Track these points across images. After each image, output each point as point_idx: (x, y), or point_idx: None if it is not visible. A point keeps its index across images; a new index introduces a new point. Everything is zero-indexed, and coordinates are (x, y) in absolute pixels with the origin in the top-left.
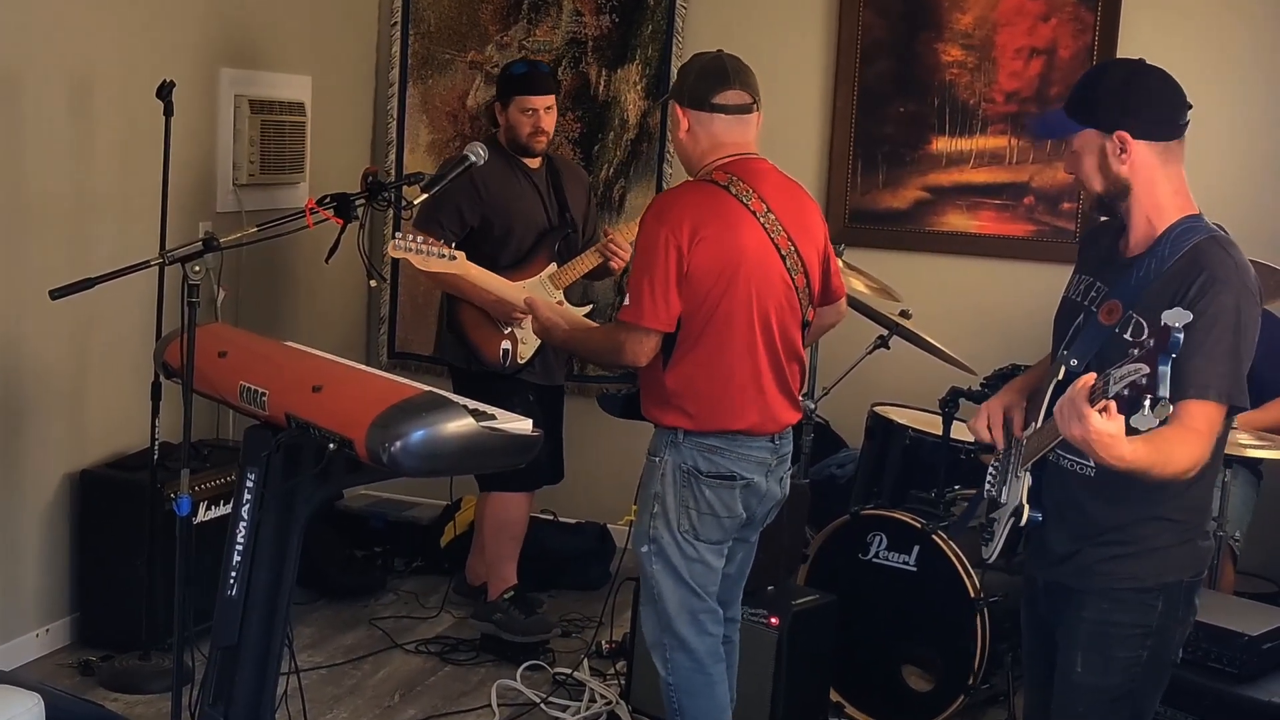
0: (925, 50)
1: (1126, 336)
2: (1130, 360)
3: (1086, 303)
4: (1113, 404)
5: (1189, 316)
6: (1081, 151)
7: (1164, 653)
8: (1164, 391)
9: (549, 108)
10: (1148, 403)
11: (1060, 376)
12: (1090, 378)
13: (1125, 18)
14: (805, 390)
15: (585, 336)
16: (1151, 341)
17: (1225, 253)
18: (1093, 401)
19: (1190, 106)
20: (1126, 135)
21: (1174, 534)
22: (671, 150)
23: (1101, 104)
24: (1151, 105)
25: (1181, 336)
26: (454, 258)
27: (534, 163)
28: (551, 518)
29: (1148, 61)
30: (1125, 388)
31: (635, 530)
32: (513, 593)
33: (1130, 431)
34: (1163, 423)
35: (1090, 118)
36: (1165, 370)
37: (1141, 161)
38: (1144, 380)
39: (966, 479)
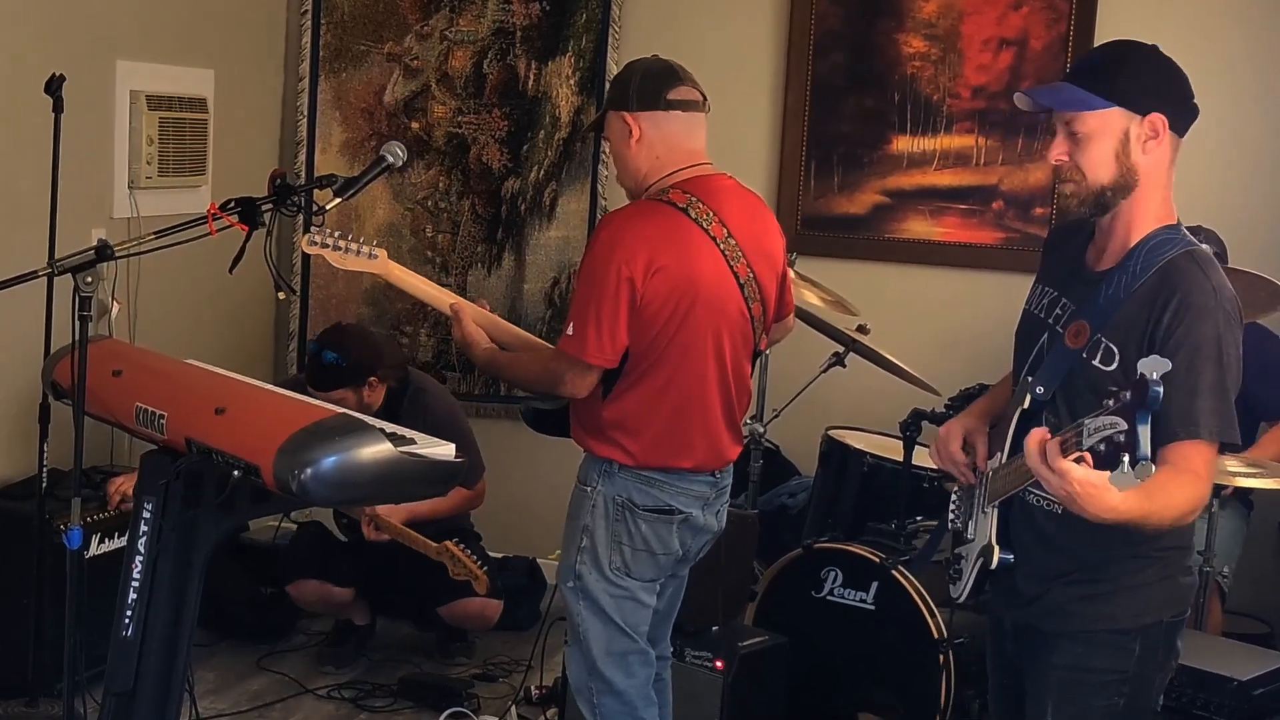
0: (885, 41)
1: (1095, 363)
2: (1105, 412)
3: (1051, 320)
4: (1088, 457)
5: (1167, 365)
6: (1096, 133)
7: (1143, 700)
8: (1144, 451)
9: (341, 399)
10: (1126, 461)
11: (1025, 405)
12: (1055, 442)
13: (1103, 6)
14: (754, 413)
15: (514, 361)
16: (1129, 395)
17: (1202, 273)
18: (1065, 453)
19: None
20: (1163, 120)
21: (1152, 571)
22: (607, 151)
23: (1138, 81)
24: (1184, 94)
25: (1161, 390)
26: (375, 255)
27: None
28: None
29: None
30: (1101, 442)
31: (560, 564)
32: (340, 621)
33: None
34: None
35: (1121, 95)
36: (1145, 428)
37: (1161, 155)
38: (1121, 438)
39: (929, 509)
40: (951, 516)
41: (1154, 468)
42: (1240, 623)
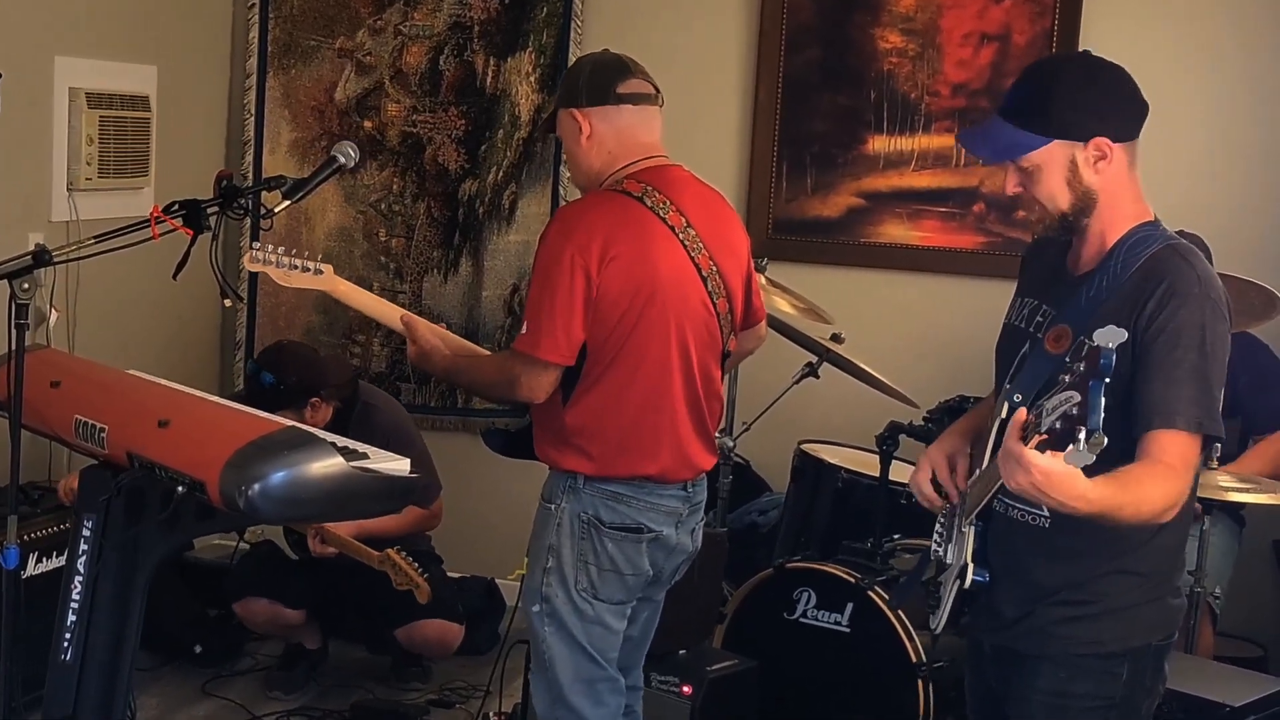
0: (860, 36)
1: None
2: (1061, 388)
3: (1032, 329)
4: (1047, 440)
5: (1123, 335)
6: (1044, 167)
7: None
8: (1096, 421)
9: None
10: (1081, 435)
11: (1004, 414)
12: (1022, 414)
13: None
14: (723, 426)
15: (472, 366)
16: (1082, 365)
17: (1186, 262)
18: (1026, 439)
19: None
20: (1107, 141)
21: (1140, 591)
22: None
23: (1069, 109)
24: (1122, 102)
25: (1114, 357)
26: (320, 271)
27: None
28: None
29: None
30: (1058, 420)
31: (526, 587)
32: (291, 644)
33: None
34: (1097, 471)
35: (1056, 128)
36: (1098, 397)
37: (1116, 168)
38: (1075, 410)
39: (907, 527)
40: (935, 543)
41: (1106, 439)
42: (1232, 645)
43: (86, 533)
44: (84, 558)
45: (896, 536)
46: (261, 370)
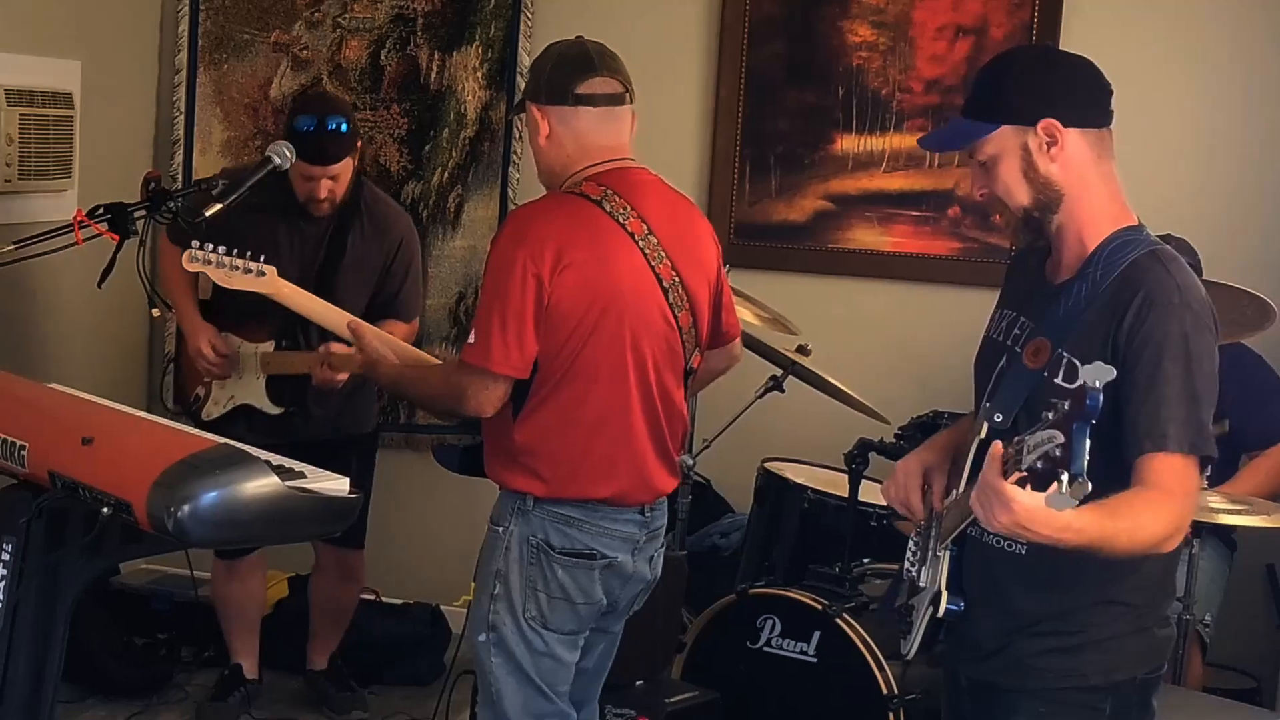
0: (828, 29)
1: (1059, 381)
2: (1044, 425)
3: (1010, 342)
4: (1027, 478)
5: (1111, 373)
6: (998, 157)
7: None
8: (1080, 466)
9: (334, 176)
10: (1064, 479)
11: (983, 434)
12: (999, 448)
13: None
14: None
15: (419, 378)
16: (1068, 404)
17: (1165, 269)
18: (1005, 474)
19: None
20: (1055, 123)
21: (1126, 621)
22: (519, 152)
23: (1016, 93)
24: (1076, 86)
25: (1101, 398)
26: (263, 273)
27: (319, 207)
28: (374, 597)
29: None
30: (1039, 459)
31: (472, 615)
32: (227, 672)
33: None
34: (1081, 503)
35: (1004, 112)
36: (1083, 440)
37: (1074, 156)
38: (1058, 452)
39: (878, 550)
40: (908, 564)
41: (1090, 485)
42: (1223, 677)
43: (5, 557)
44: (3, 583)
45: (866, 560)
46: (326, 116)
